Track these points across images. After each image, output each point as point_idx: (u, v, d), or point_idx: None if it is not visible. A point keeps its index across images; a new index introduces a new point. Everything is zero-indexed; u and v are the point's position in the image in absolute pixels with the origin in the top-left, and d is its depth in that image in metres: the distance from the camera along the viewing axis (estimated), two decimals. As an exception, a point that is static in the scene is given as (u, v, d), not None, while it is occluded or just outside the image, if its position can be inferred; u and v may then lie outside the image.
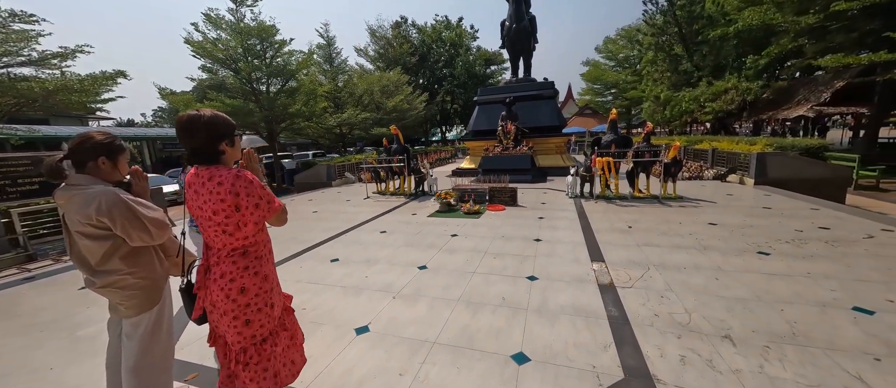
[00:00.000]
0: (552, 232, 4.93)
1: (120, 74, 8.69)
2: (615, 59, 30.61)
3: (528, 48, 13.17)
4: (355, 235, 5.32)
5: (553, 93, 11.87)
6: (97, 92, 8.72)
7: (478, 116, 12.81)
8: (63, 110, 10.99)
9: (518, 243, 4.49)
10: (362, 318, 2.76)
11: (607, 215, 5.77)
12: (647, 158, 6.85)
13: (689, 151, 12.06)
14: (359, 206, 7.71)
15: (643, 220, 5.37)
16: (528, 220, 5.71)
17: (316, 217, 6.75)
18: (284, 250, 4.64)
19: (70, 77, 8.19)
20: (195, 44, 12.22)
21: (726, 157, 9.43)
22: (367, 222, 6.06)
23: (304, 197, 9.62)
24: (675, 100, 16.64)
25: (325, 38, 19.19)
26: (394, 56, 26.87)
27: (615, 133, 7.18)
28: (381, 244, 4.74)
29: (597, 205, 6.63)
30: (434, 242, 4.72)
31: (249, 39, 13.75)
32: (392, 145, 8.86)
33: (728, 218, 5.23)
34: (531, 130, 11.66)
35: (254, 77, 14.04)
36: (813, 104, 11.97)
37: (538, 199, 7.49)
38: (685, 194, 7.26)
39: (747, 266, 3.42)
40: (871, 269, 3.23)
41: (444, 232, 5.18)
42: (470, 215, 6.23)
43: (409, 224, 5.79)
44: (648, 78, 19.59)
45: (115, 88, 9.25)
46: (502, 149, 10.82)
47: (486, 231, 5.14)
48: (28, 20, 8.18)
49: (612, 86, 30.29)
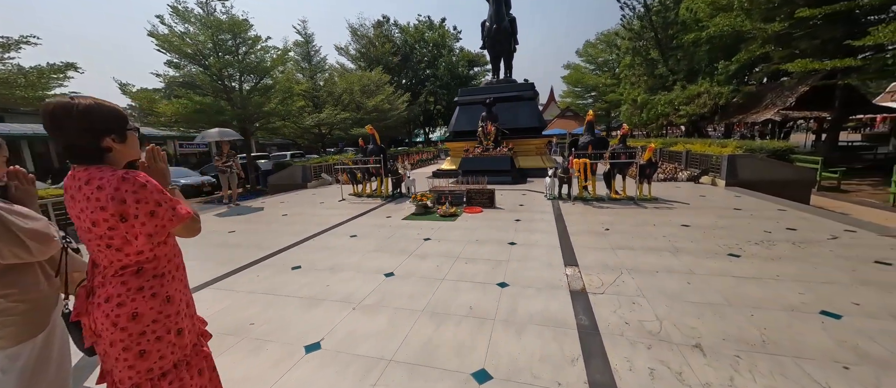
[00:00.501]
0: (528, 235, 4.82)
1: (70, 66, 8.07)
2: (595, 63, 31.24)
3: (509, 49, 13.15)
4: (324, 239, 5.05)
5: (533, 94, 11.88)
6: (46, 86, 8.05)
7: (458, 117, 12.68)
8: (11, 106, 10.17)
9: (492, 247, 4.34)
10: (315, 333, 2.53)
11: (584, 217, 5.72)
12: (623, 159, 6.87)
13: (664, 153, 12.31)
14: (333, 208, 7.41)
15: (619, 222, 5.34)
16: (505, 222, 5.58)
17: (285, 221, 6.42)
18: (242, 257, 4.33)
19: (11, 70, 7.53)
20: (160, 37, 11.56)
21: (699, 159, 9.65)
22: (338, 226, 5.79)
23: (276, 199, 9.21)
24: (652, 103, 17.03)
25: (303, 35, 18.65)
26: (375, 55, 26.48)
27: (592, 135, 7.17)
28: (350, 249, 4.50)
29: (574, 207, 6.59)
30: (406, 246, 4.52)
31: (221, 34, 13.17)
32: (368, 146, 8.60)
33: (700, 219, 5.26)
34: (511, 131, 11.62)
35: (225, 74, 13.45)
36: (779, 108, 12.45)
37: (516, 201, 7.40)
38: (660, 195, 7.32)
39: (718, 269, 3.38)
40: (836, 270, 3.25)
41: (418, 236, 4.99)
42: (446, 218, 6.06)
43: (382, 228, 5.56)
44: (626, 81, 20.02)
45: (68, 83, 8.58)
46: (482, 150, 10.72)
47: (461, 234, 4.98)
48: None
49: (592, 89, 30.87)
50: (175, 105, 11.31)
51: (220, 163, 7.58)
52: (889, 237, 4.14)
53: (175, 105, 11.31)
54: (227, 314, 2.89)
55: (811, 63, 9.77)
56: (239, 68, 13.76)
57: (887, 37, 8.00)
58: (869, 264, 3.35)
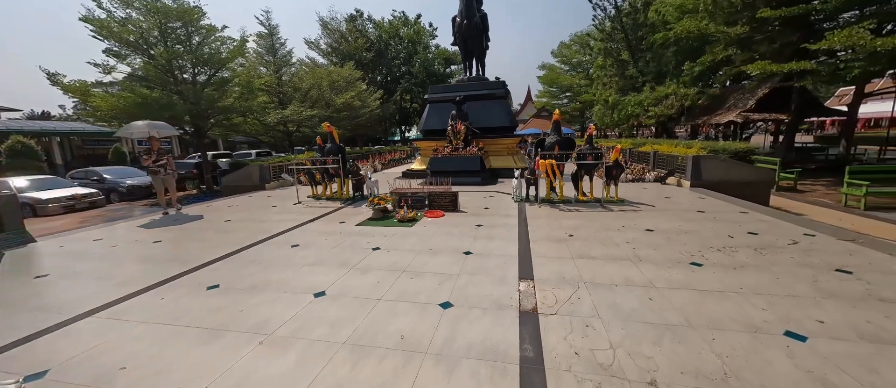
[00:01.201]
0: (486, 243, 4.46)
1: None
2: (569, 64, 31.64)
3: (480, 46, 12.83)
4: (260, 251, 4.49)
5: (505, 93, 11.63)
6: None
7: (429, 115, 12.25)
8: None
9: (445, 258, 3.95)
10: (199, 380, 2.04)
11: (549, 221, 5.44)
12: (589, 160, 6.67)
13: (633, 154, 12.39)
14: (284, 213, 6.80)
15: (584, 226, 5.09)
16: (465, 228, 5.21)
17: (224, 229, 5.78)
18: (153, 275, 3.72)
19: None
20: (96, 22, 10.42)
21: (666, 160, 9.68)
22: (282, 234, 5.23)
23: (224, 203, 8.45)
24: (622, 104, 17.26)
25: (267, 26, 17.59)
26: (348, 51, 25.56)
27: (559, 135, 6.94)
28: (285, 263, 3.98)
29: (540, 209, 6.32)
30: (349, 258, 4.05)
31: (170, 22, 12.10)
32: (326, 145, 8.01)
33: (664, 223, 5.10)
34: (483, 130, 11.31)
35: (176, 65, 12.38)
36: (741, 111, 12.81)
37: (483, 203, 7.06)
38: (627, 196, 7.19)
39: (680, 281, 3.14)
40: (798, 281, 3.07)
41: (367, 245, 4.53)
42: (404, 223, 5.63)
43: (330, 236, 5.05)
44: (598, 82, 20.27)
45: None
46: (451, 150, 10.35)
47: (415, 242, 4.56)
48: None
49: (567, 89, 31.25)
50: (111, 98, 10.23)
51: (149, 162, 6.40)
52: (845, 241, 4.07)
53: (111, 98, 10.23)
54: (99, 355, 2.33)
55: (769, 65, 10.07)
56: (192, 60, 12.72)
57: (841, 41, 8.28)
58: (830, 273, 3.20)
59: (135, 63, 11.68)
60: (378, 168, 15.05)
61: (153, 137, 6.24)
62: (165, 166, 6.50)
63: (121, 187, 13.10)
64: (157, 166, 6.43)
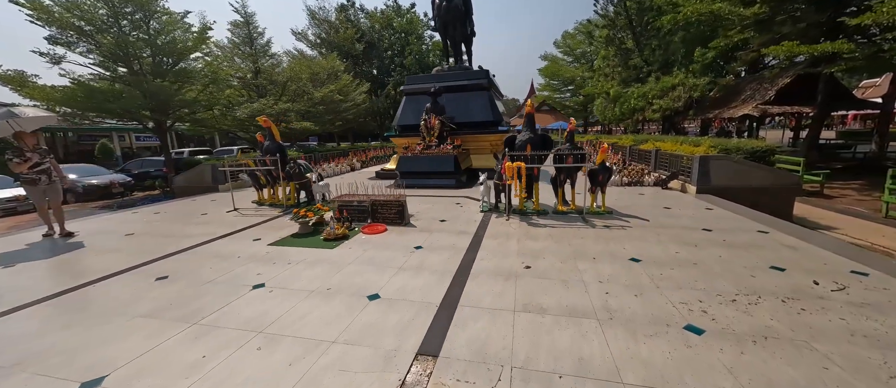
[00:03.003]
0: (410, 278, 3.30)
1: None
2: (573, 55, 30.00)
3: (463, 32, 11.54)
4: (106, 288, 3.39)
5: (487, 83, 10.35)
6: None
7: (404, 109, 11.05)
8: None
9: (335, 307, 2.81)
10: None
11: (509, 243, 4.25)
12: (569, 162, 5.43)
13: (633, 153, 11.05)
14: (204, 225, 5.72)
15: (551, 252, 3.89)
16: (398, 252, 4.06)
17: (109, 248, 4.71)
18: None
19: None
20: (32, 4, 9.42)
21: (669, 160, 8.36)
22: (167, 257, 4.13)
23: (155, 209, 7.42)
24: (625, 97, 15.81)
25: (242, 14, 16.48)
26: (338, 42, 24.37)
27: (532, 131, 5.70)
28: (117, 310, 2.87)
29: (508, 224, 5.12)
30: (208, 304, 2.92)
31: (124, 7, 11.07)
32: (265, 142, 6.90)
33: (657, 248, 3.87)
34: (462, 125, 10.09)
35: (132, 53, 11.36)
36: (758, 103, 11.34)
37: (443, 213, 5.89)
38: (618, 205, 5.95)
39: (667, 365, 1.94)
40: (861, 371, 1.85)
41: (255, 278, 3.40)
42: (329, 243, 4.49)
43: (222, 261, 3.94)
44: (599, 73, 18.75)
45: None
46: (424, 147, 9.15)
47: (318, 275, 3.42)
48: None
49: (569, 82, 29.67)
50: (49, 89, 9.26)
51: (23, 168, 4.69)
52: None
53: (49, 89, 9.26)
54: None
55: (799, 46, 8.48)
56: (151, 49, 11.69)
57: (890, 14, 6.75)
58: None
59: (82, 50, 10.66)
60: (356, 167, 13.94)
61: (22, 133, 4.75)
62: (48, 172, 4.94)
63: (77, 187, 12.21)
64: (37, 173, 4.78)
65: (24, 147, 4.65)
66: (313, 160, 13.15)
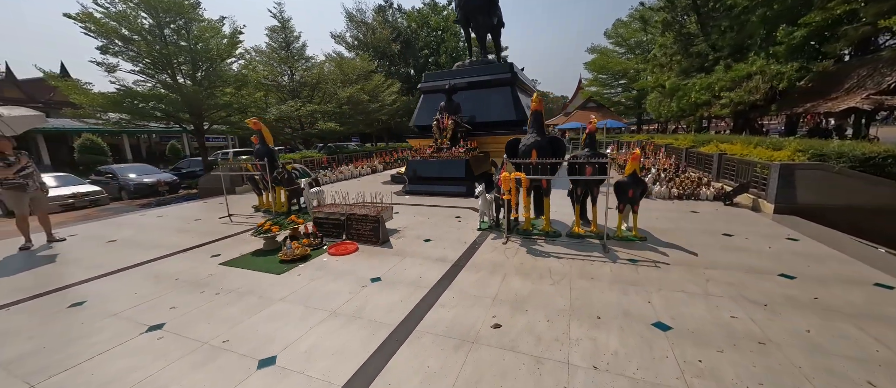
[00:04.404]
0: (335, 331, 2.50)
1: None
2: (626, 44, 27.06)
3: (488, 23, 10.46)
4: (24, 311, 3.04)
5: (510, 78, 9.18)
6: None
7: (421, 108, 10.31)
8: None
9: (211, 374, 2.09)
10: None
11: (491, 281, 3.25)
12: (588, 173, 4.23)
13: (691, 156, 9.15)
14: (185, 234, 5.45)
15: (543, 299, 2.84)
16: (347, 285, 3.27)
17: (70, 259, 4.54)
18: None
19: None
20: (84, 17, 10.25)
21: (738, 167, 6.59)
22: (106, 276, 3.78)
23: (163, 211, 7.50)
24: (684, 89, 13.48)
25: (280, 19, 16.98)
26: (374, 43, 24.46)
27: (540, 134, 4.56)
28: None
29: (504, 249, 4.10)
30: (71, 354, 2.37)
31: (167, 16, 11.74)
32: (258, 146, 6.55)
33: (701, 308, 2.62)
34: (481, 125, 9.10)
35: (172, 60, 12.03)
36: (872, 92, 8.75)
37: (432, 230, 5.00)
38: (657, 227, 4.59)
39: None
40: None
41: (162, 315, 2.84)
42: (285, 265, 3.86)
43: (156, 285, 3.47)
44: (654, 63, 16.32)
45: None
46: (434, 150, 8.32)
47: (230, 317, 2.76)
48: None
49: (621, 75, 26.81)
50: (93, 94, 10.01)
51: (9, 173, 4.58)
52: None
53: (93, 94, 10.01)
54: None
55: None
56: (188, 56, 12.30)
57: None
58: None
59: (130, 57, 11.47)
60: (378, 169, 13.53)
61: (1, 136, 4.67)
62: (33, 177, 4.85)
63: (129, 185, 13.28)
64: (24, 177, 4.73)
65: (6, 151, 4.65)
66: (335, 162, 12.99)
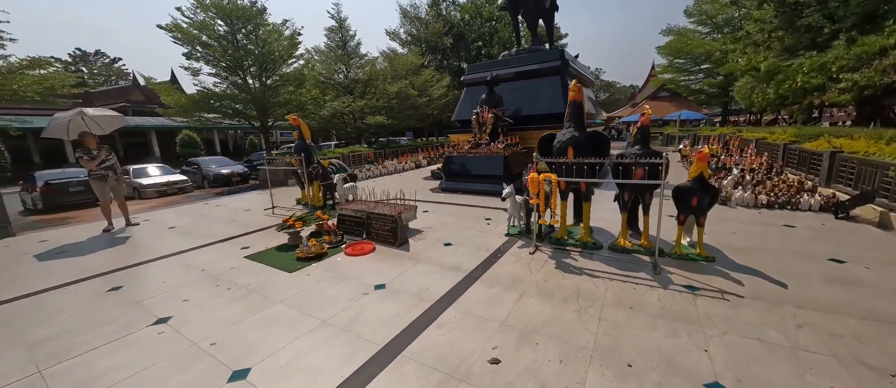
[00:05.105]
0: (317, 346, 2.32)
1: (38, 63, 8.31)
2: (711, 23, 23.37)
3: (539, 7, 9.61)
4: (54, 297, 3.40)
5: (559, 66, 8.28)
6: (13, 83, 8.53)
7: (463, 102, 9.89)
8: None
9: (185, 380, 2.02)
10: None
11: (505, 298, 2.83)
12: (638, 176, 3.50)
13: (791, 154, 7.44)
14: (229, 224, 5.84)
15: (561, 330, 2.36)
16: (349, 290, 3.10)
17: (136, 243, 5.08)
18: None
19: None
20: (173, 28, 11.73)
21: (859, 168, 5.09)
22: (153, 261, 4.12)
23: (223, 200, 8.23)
24: (786, 71, 11.04)
25: (337, 19, 17.80)
26: (427, 37, 24.53)
27: (578, 127, 3.89)
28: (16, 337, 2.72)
29: (533, 260, 3.61)
30: (85, 339, 2.51)
31: (238, 22, 12.98)
32: (297, 141, 6.77)
33: (786, 370, 1.91)
34: (527, 119, 8.43)
35: (245, 64, 13.28)
36: None
37: (456, 233, 4.65)
38: (735, 245, 3.68)
39: None
40: None
41: (175, 307, 2.94)
42: (299, 263, 3.84)
43: (185, 274, 3.66)
44: (746, 41, 13.63)
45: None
46: (472, 146, 7.90)
47: (227, 317, 2.74)
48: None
49: (703, 58, 23.30)
50: (176, 94, 11.44)
51: (92, 165, 5.21)
52: None
53: (176, 94, 11.44)
54: None
55: None
56: (257, 58, 13.47)
57: None
58: None
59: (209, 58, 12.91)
60: (421, 164, 13.49)
61: (86, 132, 5.35)
62: (113, 169, 5.50)
63: (210, 175, 15.06)
64: (104, 169, 5.38)
65: (90, 146, 5.37)
66: (381, 157, 13.24)
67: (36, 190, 10.68)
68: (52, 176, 11.31)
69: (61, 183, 10.92)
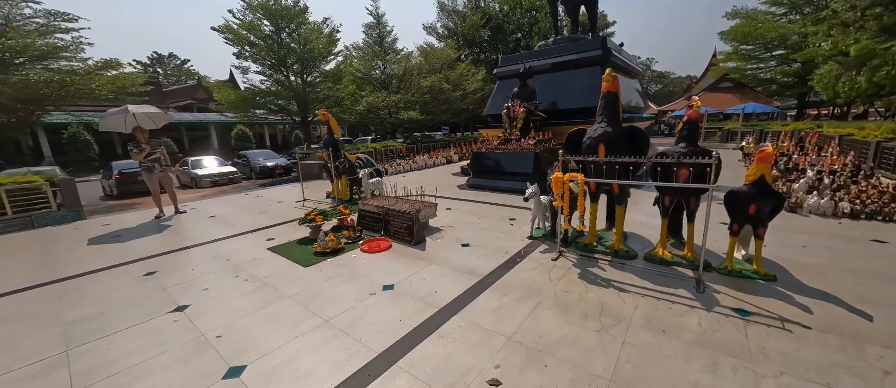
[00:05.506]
0: (312, 350, 2.26)
1: (110, 64, 9.27)
2: (788, 2, 20.49)
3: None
4: (87, 282, 3.69)
5: (600, 56, 7.61)
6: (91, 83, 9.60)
7: (495, 96, 9.53)
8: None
9: (187, 371, 2.06)
10: None
11: (518, 310, 2.60)
12: (683, 177, 3.05)
13: (885, 153, 6.25)
14: (261, 215, 6.12)
15: (579, 350, 2.11)
16: (358, 289, 3.03)
17: (179, 230, 5.46)
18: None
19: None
20: (224, 29, 12.58)
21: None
22: (183, 250, 4.38)
23: (262, 192, 8.69)
24: (884, 55, 9.28)
25: (375, 15, 18.06)
26: (464, 31, 24.16)
27: (612, 121, 3.47)
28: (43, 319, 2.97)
29: (554, 267, 3.32)
30: (111, 324, 2.67)
31: (281, 21, 13.62)
32: (325, 135, 6.91)
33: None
34: (564, 113, 7.92)
35: (288, 62, 13.93)
36: None
37: (476, 233, 4.45)
38: (798, 265, 3.10)
39: None
40: None
41: (194, 295, 3.06)
42: (315, 257, 3.87)
43: (212, 262, 3.84)
44: (831, 22, 11.66)
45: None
46: (501, 141, 7.57)
47: (237, 308, 2.79)
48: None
49: (776, 43, 20.55)
50: (227, 91, 12.26)
51: (140, 158, 5.80)
52: None
53: (227, 91, 12.26)
54: None
55: None
56: (299, 56, 14.07)
57: None
58: None
59: (254, 57, 13.71)
60: (452, 159, 13.34)
61: (138, 127, 5.87)
62: (159, 161, 5.98)
63: (256, 167, 16.10)
64: (151, 161, 5.90)
65: (140, 140, 5.86)
66: (412, 152, 13.28)
67: (112, 178, 12.08)
68: (126, 166, 12.71)
69: (131, 172, 12.22)
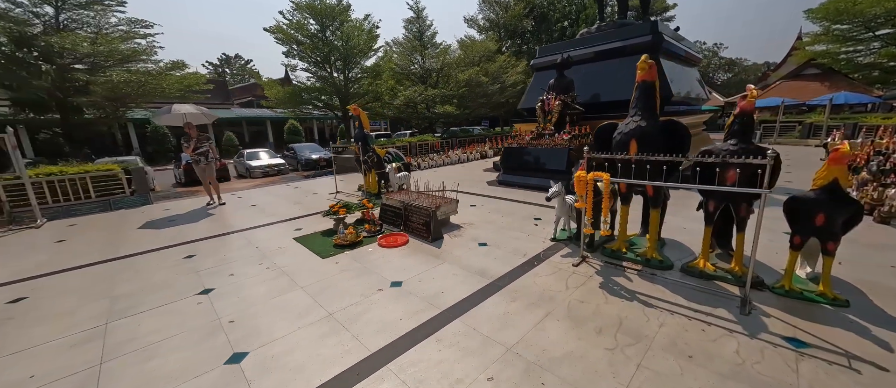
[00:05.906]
0: (300, 345, 2.29)
1: (177, 65, 10.30)
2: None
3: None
4: (143, 262, 4.08)
5: (650, 42, 6.84)
6: (163, 82, 10.75)
7: (531, 89, 9.10)
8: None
9: (195, 353, 2.19)
10: None
11: (525, 318, 2.44)
12: (731, 180, 2.63)
13: None
14: (296, 205, 6.44)
15: (575, 372, 1.92)
16: (366, 284, 3.05)
17: (219, 218, 5.91)
18: None
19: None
20: (275, 29, 13.42)
21: None
22: (224, 235, 4.73)
23: (300, 183, 9.17)
24: None
25: (415, 9, 18.16)
26: (506, 22, 23.46)
27: (647, 115, 3.08)
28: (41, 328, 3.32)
29: (574, 273, 3.08)
30: (142, 302, 2.94)
31: (325, 19, 14.21)
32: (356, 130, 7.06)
33: None
34: (605, 106, 7.35)
35: (332, 59, 14.54)
36: None
37: (496, 232, 4.28)
38: (876, 287, 2.56)
39: None
40: None
41: (222, 281, 3.28)
42: (334, 249, 3.97)
43: (244, 250, 4.11)
44: None
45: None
46: (533, 137, 7.21)
47: (253, 296, 2.93)
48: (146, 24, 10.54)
49: (878, 21, 17.34)
50: (276, 88, 13.11)
51: (189, 151, 6.36)
52: None
53: (276, 88, 13.11)
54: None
55: None
56: (341, 53, 14.62)
57: None
58: None
59: (302, 53, 14.48)
60: (487, 154, 13.07)
61: (189, 123, 6.39)
62: (206, 154, 6.47)
63: (302, 160, 17.11)
64: (198, 155, 6.40)
65: (190, 135, 6.44)
66: (447, 146, 13.22)
67: (181, 167, 13.57)
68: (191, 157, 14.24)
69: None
